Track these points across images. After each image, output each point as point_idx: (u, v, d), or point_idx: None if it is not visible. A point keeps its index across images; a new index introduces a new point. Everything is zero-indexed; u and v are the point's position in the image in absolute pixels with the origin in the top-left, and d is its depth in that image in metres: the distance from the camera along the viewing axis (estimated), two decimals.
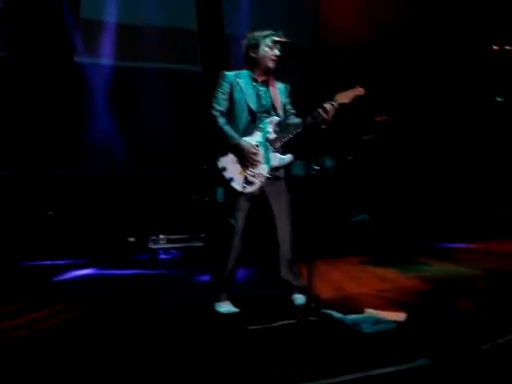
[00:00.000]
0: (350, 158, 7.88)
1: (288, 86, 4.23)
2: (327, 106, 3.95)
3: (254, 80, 4.13)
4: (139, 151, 7.97)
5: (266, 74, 4.14)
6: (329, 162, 7.33)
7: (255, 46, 4.07)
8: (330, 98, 4.01)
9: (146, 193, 7.72)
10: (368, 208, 7.76)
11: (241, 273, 4.26)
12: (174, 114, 8.11)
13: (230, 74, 4.12)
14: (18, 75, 6.94)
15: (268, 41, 4.04)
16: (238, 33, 7.34)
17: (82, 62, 7.60)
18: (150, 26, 8.12)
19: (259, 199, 4.06)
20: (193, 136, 7.90)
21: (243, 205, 4.01)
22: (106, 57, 7.88)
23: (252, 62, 4.11)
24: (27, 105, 6.97)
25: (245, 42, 4.14)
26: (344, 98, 4.01)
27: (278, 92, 4.17)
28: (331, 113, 3.96)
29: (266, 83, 4.15)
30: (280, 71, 4.18)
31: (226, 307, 4.01)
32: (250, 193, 4.00)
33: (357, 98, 4.05)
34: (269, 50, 4.04)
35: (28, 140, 7.01)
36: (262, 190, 4.03)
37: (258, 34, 4.09)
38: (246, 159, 3.97)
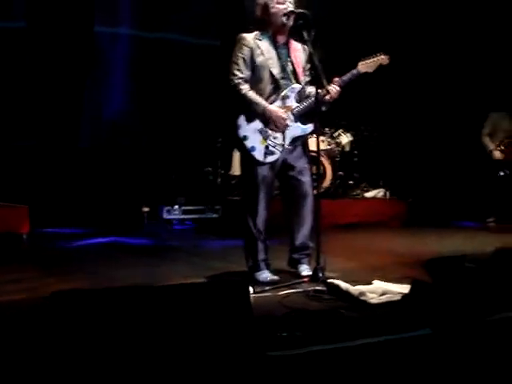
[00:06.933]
0: None
1: (306, 48, 4.02)
2: (344, 78, 3.96)
3: (275, 41, 4.01)
4: (156, 123, 8.01)
5: (284, 34, 4.01)
6: None
7: (266, 5, 3.94)
8: (353, 67, 4.00)
9: (162, 165, 7.78)
10: None
11: None
12: (190, 85, 8.11)
13: (249, 35, 3.97)
14: (36, 46, 6.98)
15: None
16: None
17: (102, 31, 7.61)
18: None
19: (280, 167, 4.03)
20: (208, 108, 7.91)
21: (265, 173, 3.96)
22: (125, 27, 7.89)
23: (267, 23, 3.98)
24: (46, 75, 7.02)
25: (256, 3, 4.02)
26: (367, 67, 4.00)
27: (299, 55, 4.06)
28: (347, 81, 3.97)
29: (286, 45, 4.04)
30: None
31: (264, 274, 4.00)
32: (271, 162, 3.98)
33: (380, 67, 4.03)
34: (279, 5, 3.90)
35: (47, 110, 7.08)
36: (282, 159, 4.01)
37: None
38: (275, 124, 3.91)
